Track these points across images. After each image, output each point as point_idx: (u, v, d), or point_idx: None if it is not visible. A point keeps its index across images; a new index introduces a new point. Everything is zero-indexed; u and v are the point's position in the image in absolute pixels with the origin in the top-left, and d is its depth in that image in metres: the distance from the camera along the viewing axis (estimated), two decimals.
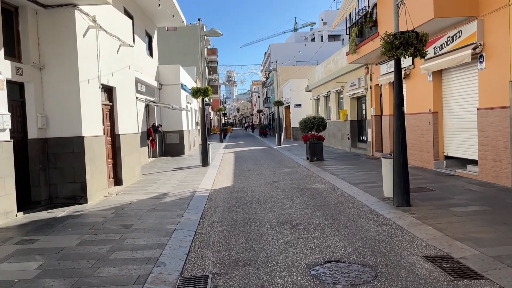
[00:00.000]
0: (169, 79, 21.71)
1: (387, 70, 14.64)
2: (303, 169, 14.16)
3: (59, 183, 8.83)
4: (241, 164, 16.67)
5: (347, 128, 20.38)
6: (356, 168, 13.32)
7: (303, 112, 34.42)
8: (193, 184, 11.27)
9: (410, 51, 6.91)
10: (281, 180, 11.73)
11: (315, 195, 9.24)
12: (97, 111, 9.62)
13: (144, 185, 11.26)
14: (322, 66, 25.43)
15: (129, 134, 11.97)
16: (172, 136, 21.77)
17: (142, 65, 17.96)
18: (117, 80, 11.21)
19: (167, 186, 11.01)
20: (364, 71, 17.16)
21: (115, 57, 11.11)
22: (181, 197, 9.29)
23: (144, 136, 17.93)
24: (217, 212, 7.92)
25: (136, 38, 17.30)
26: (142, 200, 9.10)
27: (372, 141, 16.83)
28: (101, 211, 8.07)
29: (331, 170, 13.11)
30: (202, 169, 14.73)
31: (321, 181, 11.40)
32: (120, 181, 11.21)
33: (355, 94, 18.83)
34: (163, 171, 14.40)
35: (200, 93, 15.27)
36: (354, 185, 10.02)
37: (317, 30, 62.90)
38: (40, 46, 8.70)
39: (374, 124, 16.55)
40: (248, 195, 9.62)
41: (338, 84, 21.08)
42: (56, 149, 8.80)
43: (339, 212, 7.50)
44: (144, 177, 12.93)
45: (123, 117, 11.55)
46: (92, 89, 9.41)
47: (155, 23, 21.25)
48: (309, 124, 15.82)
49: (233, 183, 11.69)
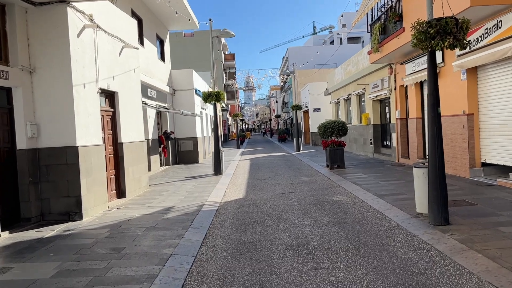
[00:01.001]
0: (182, 84, 20.95)
1: (413, 70, 13.44)
2: (323, 178, 13.05)
3: (52, 198, 8.00)
4: (256, 173, 15.67)
5: (370, 132, 19.15)
6: (381, 176, 12.14)
7: (322, 117, 33.27)
8: (202, 196, 10.33)
9: (448, 41, 5.81)
10: (298, 191, 10.67)
11: (336, 210, 8.15)
12: (95, 118, 8.80)
13: (149, 198, 10.38)
14: (342, 68, 24.28)
15: (133, 143, 11.13)
16: (186, 143, 20.96)
17: (152, 70, 17.23)
18: (120, 85, 10.40)
19: (173, 198, 10.10)
20: (388, 72, 15.97)
21: (117, 60, 10.31)
22: (186, 212, 8.35)
23: (155, 144, 17.15)
24: (223, 231, 6.93)
25: (146, 42, 16.58)
26: (143, 216, 8.19)
27: (398, 146, 15.59)
28: (94, 229, 7.19)
29: (353, 179, 11.98)
30: (214, 178, 13.80)
31: (342, 192, 10.29)
32: (123, 194, 10.36)
33: (378, 97, 17.62)
34: (172, 181, 13.53)
35: (211, 97, 14.38)
36: (380, 197, 8.89)
37: (336, 32, 61.61)
38: (30, 47, 7.94)
39: (400, 128, 15.32)
40: (261, 209, 8.60)
41: (359, 86, 19.89)
42: (48, 160, 7.99)
43: (364, 232, 6.41)
44: (151, 188, 12.07)
45: (126, 124, 10.73)
46: (89, 94, 8.60)
47: (167, 27, 20.55)
48: (328, 129, 14.72)
49: (246, 194, 10.69)
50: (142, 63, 15.48)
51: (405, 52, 13.30)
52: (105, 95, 9.87)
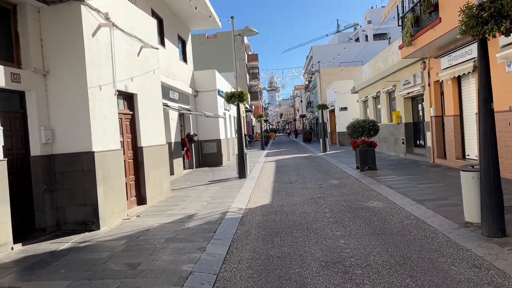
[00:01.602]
0: (205, 86, 20.53)
1: (450, 64, 12.50)
2: (354, 181, 12.28)
3: (68, 207, 7.60)
4: (282, 175, 15.01)
5: (401, 131, 18.18)
6: (417, 179, 11.28)
7: (349, 116, 32.25)
8: (226, 202, 9.77)
9: (505, 25, 5.02)
10: (328, 196, 9.96)
11: (372, 218, 7.42)
12: (112, 121, 8.36)
13: (170, 204, 9.90)
14: (370, 65, 23.32)
15: (154, 146, 10.69)
16: (209, 145, 20.51)
17: (174, 71, 16.84)
18: (139, 86, 9.96)
19: (195, 204, 9.58)
20: (420, 67, 15.03)
21: (136, 60, 9.88)
22: (208, 221, 7.80)
23: (178, 147, 16.75)
24: (248, 243, 6.32)
25: (167, 43, 16.20)
26: (163, 224, 7.69)
27: (433, 146, 14.63)
28: (111, 241, 6.71)
29: (387, 182, 11.17)
30: (238, 182, 13.23)
31: (376, 197, 9.53)
32: (144, 200, 9.92)
33: (410, 94, 16.66)
34: (195, 185, 13.04)
35: (234, 98, 13.82)
36: (420, 203, 8.09)
37: (361, 29, 60.15)
38: (43, 49, 7.56)
39: (435, 127, 14.36)
40: (288, 217, 7.95)
41: (389, 83, 18.94)
42: (64, 167, 7.59)
43: (407, 245, 5.68)
44: (173, 193, 11.60)
45: (147, 127, 10.29)
46: (106, 97, 8.16)
47: (189, 27, 20.17)
48: (358, 129, 13.92)
49: (272, 200, 10.06)
50: (163, 64, 15.08)
51: (440, 45, 12.38)
52: (123, 97, 9.44)
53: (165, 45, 15.81)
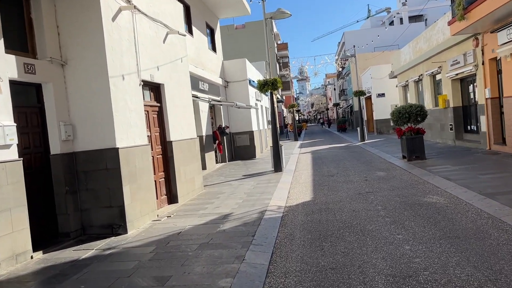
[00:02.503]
0: (235, 76, 19.70)
1: (510, 38, 11.06)
2: (403, 172, 11.14)
3: (92, 209, 6.95)
4: (321, 167, 14.02)
5: (449, 116, 16.72)
6: (476, 168, 10.03)
7: (387, 102, 30.79)
8: (263, 198, 8.91)
9: None
10: (377, 191, 8.92)
11: (436, 216, 6.36)
12: (137, 114, 7.64)
13: (203, 202, 9.15)
14: (410, 47, 21.78)
15: (185, 140, 9.95)
16: (242, 137, 19.72)
17: (203, 61, 16.08)
18: (166, 76, 9.22)
19: (230, 202, 8.78)
20: (472, 44, 13.57)
21: (162, 47, 9.12)
22: (245, 221, 6.97)
23: (210, 140, 16.03)
24: (294, 250, 5.44)
25: (195, 31, 15.44)
26: (196, 226, 6.92)
27: (488, 131, 13.21)
28: (139, 247, 6.00)
29: (441, 172, 9.99)
30: (274, 176, 12.35)
31: (434, 190, 8.41)
32: (175, 198, 9.21)
33: (459, 75, 15.20)
34: (229, 180, 12.27)
35: (267, 86, 12.89)
36: (489, 197, 6.95)
37: (395, 12, 57.49)
38: (60, 36, 6.89)
39: (491, 110, 12.93)
40: (336, 216, 7.00)
41: (434, 65, 17.46)
42: (86, 166, 6.93)
43: (492, 252, 4.63)
44: (206, 190, 10.86)
45: (176, 120, 9.55)
46: (130, 87, 7.44)
47: (217, 15, 19.35)
48: (404, 115, 12.70)
49: (314, 196, 9.12)
50: (191, 53, 14.34)
51: (498, 17, 10.98)
52: (149, 88, 8.72)
53: (193, 34, 15.05)
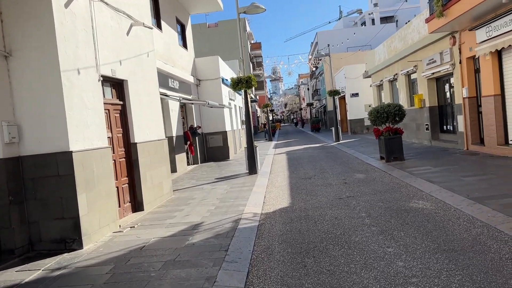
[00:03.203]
0: (207, 74, 18.91)
1: (489, 35, 10.79)
2: (383, 174, 10.69)
3: (42, 221, 6.09)
4: (297, 169, 13.45)
5: (425, 116, 16.51)
6: (458, 170, 9.68)
7: (361, 102, 30.74)
8: (237, 204, 8.23)
9: None
10: (358, 195, 8.39)
11: (426, 225, 5.84)
12: (96, 113, 6.82)
13: (172, 209, 8.39)
14: (384, 46, 21.59)
15: (151, 142, 9.15)
16: (215, 138, 18.97)
17: (173, 57, 15.24)
18: (130, 71, 8.40)
19: (201, 209, 8.05)
20: (449, 42, 13.32)
21: (125, 40, 8.30)
22: (218, 232, 6.27)
23: (180, 141, 15.21)
24: (272, 268, 4.78)
25: (165, 25, 14.58)
26: (162, 239, 6.17)
27: (466, 131, 12.98)
28: (94, 266, 5.20)
29: (422, 174, 9.58)
30: (249, 179, 11.69)
31: (418, 194, 7.94)
32: (140, 206, 8.40)
33: (435, 74, 14.97)
34: (201, 184, 11.52)
35: (241, 84, 12.22)
36: (479, 202, 6.51)
37: (367, 13, 57.98)
38: (3, 24, 6.00)
39: (469, 109, 12.70)
40: (317, 225, 6.39)
41: (410, 64, 17.23)
42: (35, 172, 6.07)
43: (498, 270, 4.11)
44: (176, 195, 10.09)
45: (141, 119, 8.74)
46: (87, 83, 6.61)
47: (188, 10, 18.51)
48: (382, 114, 12.29)
49: (292, 201, 8.51)
50: (160, 49, 13.50)
51: (477, 14, 10.70)
52: (110, 84, 7.88)
53: (162, 28, 14.20)
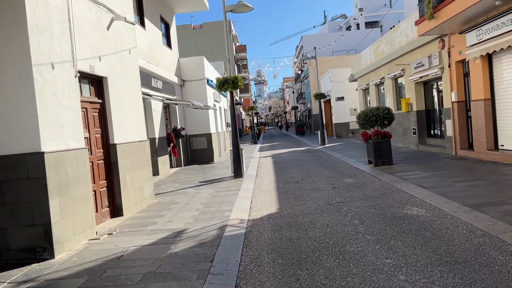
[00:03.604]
0: (192, 74, 18.45)
1: (479, 39, 10.65)
2: (372, 179, 10.41)
3: (10, 228, 5.57)
4: (284, 173, 13.10)
5: (412, 120, 16.39)
6: (449, 175, 9.46)
7: (346, 106, 30.69)
8: (222, 210, 7.82)
9: None
10: (349, 200, 8.07)
11: (424, 234, 5.53)
12: (72, 111, 6.33)
13: (153, 214, 7.92)
14: (371, 49, 21.49)
15: (132, 143, 8.67)
16: (199, 140, 18.50)
17: (157, 56, 14.76)
18: (110, 68, 7.92)
19: (185, 215, 7.61)
20: (438, 46, 13.19)
21: (105, 35, 7.83)
22: (202, 240, 5.85)
23: (163, 143, 14.71)
24: (262, 282, 4.38)
25: (148, 23, 14.09)
26: (142, 248, 5.71)
27: (454, 136, 12.84)
28: (65, 279, 4.73)
29: (413, 179, 9.33)
30: (234, 183, 11.28)
31: (411, 200, 7.66)
32: (119, 210, 7.91)
33: (423, 77, 14.85)
34: (184, 188, 11.06)
35: (227, 84, 11.82)
36: (476, 209, 6.25)
37: (352, 17, 58.29)
38: None
39: (458, 114, 12.56)
40: (309, 233, 6.03)
41: (397, 68, 17.11)
42: (2, 174, 5.55)
43: (507, 284, 3.80)
44: (157, 199, 9.61)
45: (122, 119, 8.26)
46: (62, 79, 6.13)
47: (173, 9, 18.04)
48: (371, 118, 12.04)
49: (280, 206, 8.14)
50: (143, 47, 13.02)
51: (469, 16, 10.54)
52: (89, 81, 7.40)
53: (145, 26, 13.71)
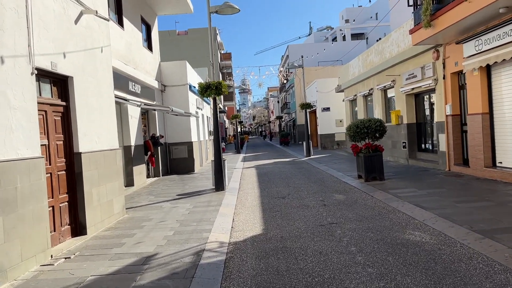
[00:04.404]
0: (174, 79, 17.54)
1: (478, 49, 10.11)
2: (364, 196, 9.66)
3: None
4: (269, 187, 12.27)
5: (402, 134, 15.81)
6: (447, 194, 8.77)
7: (332, 117, 30.20)
8: (200, 230, 6.92)
9: None
10: (342, 221, 7.26)
11: (434, 267, 4.75)
12: (25, 114, 5.39)
13: (122, 233, 6.97)
14: (359, 59, 20.99)
15: (101, 152, 7.73)
16: (179, 149, 17.54)
17: (136, 59, 13.84)
18: (77, 67, 7.01)
19: (157, 235, 6.69)
20: (432, 56, 12.65)
21: (72, 29, 6.92)
22: (174, 269, 4.95)
23: (140, 151, 13.73)
24: None
25: (127, 23, 13.19)
26: (102, 278, 4.78)
27: (448, 151, 12.24)
28: None
29: (409, 197, 8.62)
30: (215, 196, 10.39)
31: (411, 222, 6.91)
32: (83, 229, 6.94)
33: (415, 89, 14.30)
34: (160, 201, 10.11)
35: (210, 90, 10.96)
36: (487, 236, 5.52)
37: (338, 28, 58.35)
38: None
39: (452, 128, 11.98)
40: (299, 263, 5.19)
41: (387, 78, 16.56)
42: None
43: None
44: (129, 214, 8.66)
45: (89, 125, 7.33)
46: (14, 76, 5.20)
47: (155, 10, 17.16)
48: (362, 130, 11.34)
49: (265, 226, 7.28)
50: (120, 47, 12.12)
51: (468, 25, 9.98)
52: (50, 80, 6.46)
53: (124, 26, 12.80)
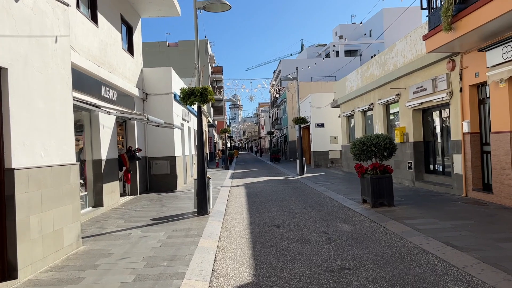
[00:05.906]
0: (157, 87, 15.93)
1: (508, 57, 8.68)
2: (375, 227, 8.02)
3: None
4: (260, 210, 10.59)
5: (407, 153, 14.31)
6: (479, 228, 7.18)
7: (326, 133, 28.76)
8: (171, 273, 5.21)
9: None
10: (357, 266, 5.61)
11: None
12: None
13: (67, 277, 5.23)
14: (358, 73, 19.64)
15: (47, 168, 6.01)
16: (161, 164, 15.80)
17: (112, 62, 12.20)
18: (16, 57, 5.35)
19: (113, 281, 4.96)
20: (447, 67, 11.24)
21: (11, 10, 5.29)
22: None
23: (113, 166, 11.98)
24: None
25: (102, 20, 11.59)
26: None
27: (465, 173, 10.73)
28: None
29: (431, 231, 7.01)
30: (196, 223, 8.69)
31: (448, 270, 5.27)
32: (13, 270, 5.18)
33: (424, 104, 12.86)
34: (129, 227, 8.37)
35: (194, 97, 9.35)
36: None
37: (332, 44, 57.54)
38: None
39: (471, 148, 10.49)
40: None
41: (390, 92, 15.15)
42: None
43: None
44: (87, 245, 6.90)
45: (31, 132, 5.64)
46: None
47: (138, 11, 15.61)
48: (369, 147, 9.80)
49: (256, 271, 5.59)
50: (93, 47, 10.50)
51: (494, 29, 8.59)
52: None
53: (98, 23, 11.19)
